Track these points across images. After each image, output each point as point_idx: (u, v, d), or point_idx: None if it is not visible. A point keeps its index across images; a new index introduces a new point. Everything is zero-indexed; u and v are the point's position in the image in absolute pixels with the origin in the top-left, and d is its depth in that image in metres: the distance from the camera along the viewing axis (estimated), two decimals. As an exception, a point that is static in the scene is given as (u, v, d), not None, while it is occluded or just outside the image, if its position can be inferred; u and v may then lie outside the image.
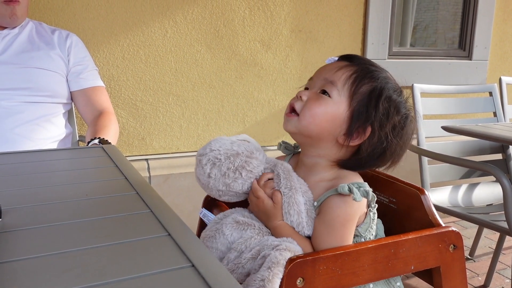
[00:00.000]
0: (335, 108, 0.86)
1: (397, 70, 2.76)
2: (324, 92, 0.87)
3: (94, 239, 0.60)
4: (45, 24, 1.58)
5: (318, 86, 0.89)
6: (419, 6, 3.02)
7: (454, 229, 0.93)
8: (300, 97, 0.89)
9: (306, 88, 0.92)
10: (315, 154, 0.91)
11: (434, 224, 0.96)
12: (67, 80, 1.52)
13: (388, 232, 0.99)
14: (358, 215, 0.88)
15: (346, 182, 0.85)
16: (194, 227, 1.07)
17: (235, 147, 0.92)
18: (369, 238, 0.93)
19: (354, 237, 0.90)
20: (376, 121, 0.86)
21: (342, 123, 0.87)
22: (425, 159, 1.92)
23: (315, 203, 0.89)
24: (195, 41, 2.09)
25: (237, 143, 0.93)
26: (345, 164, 0.91)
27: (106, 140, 1.33)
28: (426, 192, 0.98)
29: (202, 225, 1.11)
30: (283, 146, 1.04)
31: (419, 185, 1.01)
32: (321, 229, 0.87)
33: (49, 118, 1.44)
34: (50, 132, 1.44)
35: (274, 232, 0.89)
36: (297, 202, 0.88)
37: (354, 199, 0.83)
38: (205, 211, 1.03)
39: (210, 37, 2.11)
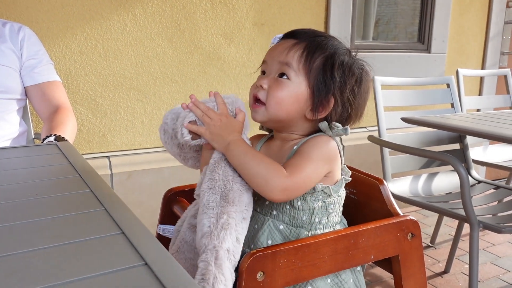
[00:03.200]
0: (296, 89, 0.89)
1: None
2: (282, 75, 0.90)
3: (42, 240, 0.58)
4: None
5: (275, 70, 0.91)
6: (381, 0, 3.07)
7: (411, 217, 0.95)
8: (261, 86, 0.90)
9: (263, 72, 0.95)
10: (288, 132, 0.96)
11: (392, 213, 0.97)
12: (20, 75, 1.45)
13: (349, 223, 1.00)
14: (335, 155, 0.90)
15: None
16: (150, 225, 1.04)
17: (178, 109, 0.92)
18: (338, 212, 0.95)
19: (326, 196, 0.91)
20: (336, 91, 0.90)
21: (306, 101, 0.90)
22: (386, 150, 1.96)
23: (295, 147, 0.92)
24: (156, 35, 2.05)
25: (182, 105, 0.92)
26: (316, 132, 0.96)
27: (63, 137, 1.29)
28: (384, 182, 1.00)
29: (164, 214, 1.09)
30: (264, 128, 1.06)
31: (381, 176, 1.02)
32: (300, 151, 0.89)
33: (1, 116, 1.38)
34: (3, 130, 1.38)
35: (233, 147, 0.86)
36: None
37: (337, 132, 0.89)
38: (162, 226, 1.01)
39: (171, 30, 2.08)
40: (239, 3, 2.21)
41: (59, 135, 1.29)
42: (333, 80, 0.89)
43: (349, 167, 1.08)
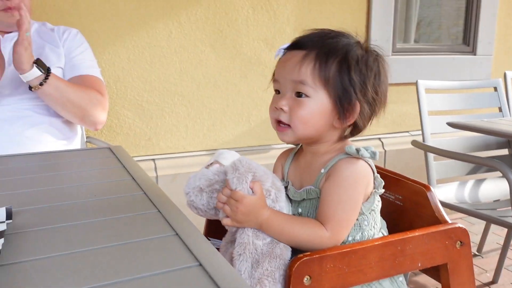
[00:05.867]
0: (318, 104, 0.86)
1: (401, 66, 2.77)
2: (299, 93, 0.86)
3: (103, 239, 0.61)
4: (48, 23, 1.60)
5: (290, 90, 0.87)
6: (423, 2, 3.01)
7: (460, 225, 0.94)
8: (281, 108, 0.87)
9: (277, 91, 0.91)
10: (317, 143, 0.92)
11: (440, 220, 0.96)
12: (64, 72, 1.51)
13: (394, 229, 0.99)
14: (366, 178, 0.87)
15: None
16: (201, 226, 1.08)
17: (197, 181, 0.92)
18: (373, 225, 0.93)
19: (358, 215, 0.89)
20: (358, 93, 0.86)
21: (331, 112, 0.87)
22: (431, 156, 1.92)
23: (322, 170, 0.89)
24: (199, 42, 2.10)
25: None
26: (346, 137, 0.93)
27: (45, 66, 1.33)
28: (431, 189, 0.98)
29: (209, 225, 1.12)
30: None
31: (425, 182, 1.01)
32: (329, 192, 0.86)
33: (58, 120, 1.46)
34: (59, 134, 1.45)
35: (267, 226, 0.84)
36: (276, 185, 0.88)
37: (362, 155, 0.84)
38: (211, 240, 1.03)
39: (214, 37, 2.12)
40: (280, 9, 2.23)
41: (40, 60, 1.32)
42: (353, 84, 0.85)
43: (393, 173, 1.07)
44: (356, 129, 0.92)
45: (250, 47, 2.20)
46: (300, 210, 0.92)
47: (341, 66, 0.85)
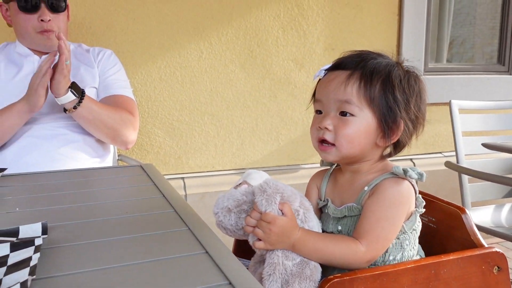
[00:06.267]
0: (364, 123, 0.87)
1: (433, 86, 2.73)
2: (344, 113, 0.87)
3: (134, 256, 0.62)
4: (83, 45, 1.66)
5: (334, 109, 0.88)
6: (455, 21, 2.97)
7: (498, 250, 0.90)
8: (326, 128, 0.88)
9: (318, 111, 0.91)
10: (359, 163, 0.92)
11: (476, 244, 0.93)
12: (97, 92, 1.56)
13: (427, 252, 0.96)
14: (409, 200, 0.87)
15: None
16: (230, 245, 1.07)
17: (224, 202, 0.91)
18: (413, 245, 0.91)
19: (400, 233, 0.88)
20: (402, 112, 0.87)
21: (375, 130, 0.88)
22: (466, 177, 1.86)
23: (366, 188, 0.89)
24: (230, 62, 2.13)
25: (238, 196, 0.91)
26: (386, 156, 0.94)
27: (81, 90, 1.36)
28: (467, 211, 0.95)
29: (238, 245, 1.12)
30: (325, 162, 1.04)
31: (459, 204, 0.98)
32: (371, 208, 0.85)
33: (91, 138, 1.49)
34: (92, 152, 1.49)
35: (299, 246, 0.83)
36: (305, 205, 0.88)
37: (410, 176, 0.84)
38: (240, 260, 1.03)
39: (244, 57, 2.15)
40: (310, 29, 2.25)
41: (75, 84, 1.35)
42: (397, 102, 0.87)
43: (427, 194, 1.05)
44: (397, 148, 0.93)
45: (280, 67, 2.22)
46: (340, 228, 0.92)
47: (386, 85, 0.87)
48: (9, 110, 1.35)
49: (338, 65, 0.91)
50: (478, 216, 1.84)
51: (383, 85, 0.87)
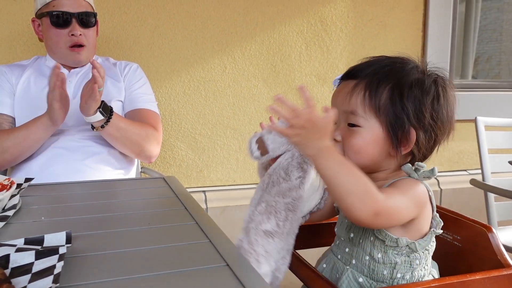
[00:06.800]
0: (371, 133, 0.84)
1: (458, 103, 2.68)
2: (351, 124, 0.85)
3: (156, 267, 0.63)
4: (111, 58, 1.70)
5: (343, 120, 0.87)
6: (481, 37, 2.94)
7: (526, 270, 0.87)
8: (335, 139, 0.86)
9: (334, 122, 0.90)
10: (376, 172, 0.90)
11: (503, 264, 0.90)
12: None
13: (452, 271, 0.94)
14: (422, 200, 0.83)
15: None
16: (250, 259, 1.07)
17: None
18: (424, 265, 0.88)
19: (410, 251, 0.85)
20: (413, 120, 0.83)
21: (385, 140, 0.85)
22: (492, 196, 1.82)
23: (385, 186, 0.86)
24: (253, 76, 2.15)
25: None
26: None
27: (110, 108, 1.38)
28: (493, 230, 0.93)
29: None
30: None
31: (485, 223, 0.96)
32: (389, 188, 0.83)
33: (115, 150, 1.52)
34: (116, 164, 1.51)
35: (328, 153, 0.74)
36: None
37: (423, 173, 0.82)
38: None
39: (267, 72, 2.16)
40: (333, 45, 2.25)
41: (105, 103, 1.37)
42: (406, 111, 0.82)
43: (452, 212, 1.03)
44: (414, 158, 0.88)
45: (303, 82, 2.22)
46: (352, 235, 0.90)
47: (393, 93, 0.83)
48: (35, 123, 1.38)
49: (347, 74, 0.90)
50: (505, 235, 1.79)
51: (390, 93, 0.83)
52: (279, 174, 0.84)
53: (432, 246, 0.89)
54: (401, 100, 0.83)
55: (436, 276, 0.92)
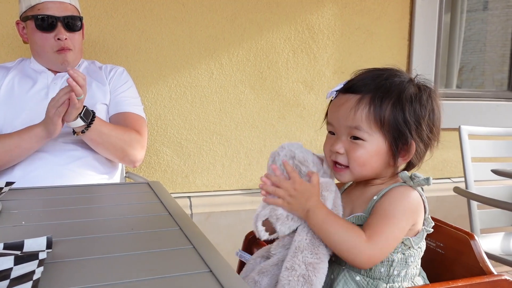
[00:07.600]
0: (375, 147, 0.88)
1: (443, 112, 2.71)
2: (355, 137, 0.88)
3: (138, 272, 0.62)
4: (97, 62, 1.68)
5: (345, 134, 0.89)
6: (465, 47, 2.99)
7: (507, 277, 0.88)
8: (337, 152, 0.89)
9: (331, 132, 0.93)
10: (372, 179, 0.93)
11: (485, 271, 0.91)
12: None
13: (435, 278, 0.94)
14: (417, 209, 0.88)
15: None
16: (234, 265, 1.06)
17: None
18: (416, 264, 0.91)
19: (406, 248, 0.88)
20: (414, 134, 0.88)
21: (387, 152, 0.89)
22: (475, 204, 1.84)
23: (375, 197, 0.89)
24: (240, 82, 2.15)
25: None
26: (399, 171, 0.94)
27: (91, 111, 1.36)
28: (475, 237, 0.94)
29: (242, 263, 1.10)
30: None
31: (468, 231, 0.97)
32: (378, 208, 0.86)
33: (99, 156, 1.50)
34: (100, 168, 1.49)
35: (313, 214, 0.86)
36: (330, 187, 0.90)
37: (418, 181, 0.86)
38: (240, 252, 1.04)
39: (254, 78, 2.17)
40: (320, 52, 2.27)
41: (87, 109, 1.35)
42: (408, 125, 0.87)
43: (435, 219, 1.03)
44: (410, 166, 0.93)
45: (289, 89, 2.23)
46: None
47: (395, 108, 0.87)
48: (28, 133, 1.36)
49: (348, 89, 0.91)
50: (487, 243, 1.81)
51: (392, 108, 0.87)
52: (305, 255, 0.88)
53: (424, 244, 0.92)
54: (403, 115, 0.87)
55: (425, 277, 0.94)
